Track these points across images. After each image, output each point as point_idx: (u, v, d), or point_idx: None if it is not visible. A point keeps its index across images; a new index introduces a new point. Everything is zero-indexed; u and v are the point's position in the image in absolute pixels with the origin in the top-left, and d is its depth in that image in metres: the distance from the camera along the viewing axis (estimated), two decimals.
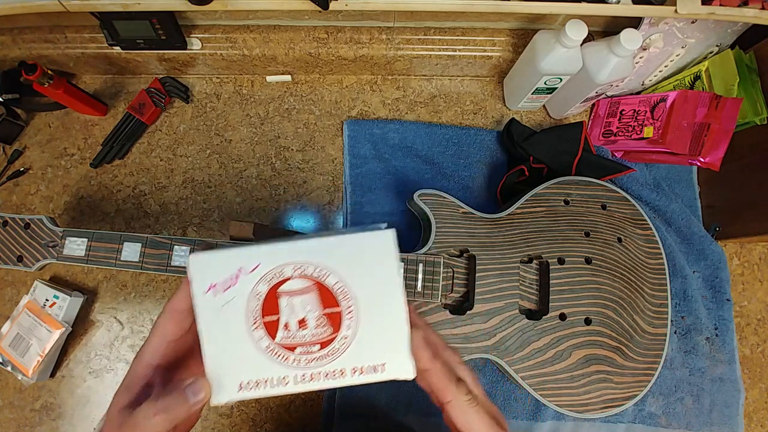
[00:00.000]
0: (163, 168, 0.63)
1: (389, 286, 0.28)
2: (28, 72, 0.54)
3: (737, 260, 0.64)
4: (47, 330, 0.54)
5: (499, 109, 0.66)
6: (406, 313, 0.28)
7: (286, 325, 0.28)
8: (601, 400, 0.49)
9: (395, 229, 0.28)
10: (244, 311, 0.27)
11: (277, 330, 0.27)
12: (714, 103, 0.57)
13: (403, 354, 0.28)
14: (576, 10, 0.48)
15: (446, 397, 0.29)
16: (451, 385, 0.28)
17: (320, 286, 0.28)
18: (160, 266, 0.45)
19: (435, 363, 0.28)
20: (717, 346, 0.59)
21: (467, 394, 0.29)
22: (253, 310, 0.27)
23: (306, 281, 0.28)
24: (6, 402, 0.56)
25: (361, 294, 0.28)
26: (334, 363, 0.28)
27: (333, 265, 0.28)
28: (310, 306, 0.28)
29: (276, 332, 0.27)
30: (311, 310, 0.28)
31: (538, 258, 0.51)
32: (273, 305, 0.27)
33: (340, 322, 0.28)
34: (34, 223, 0.47)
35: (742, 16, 0.47)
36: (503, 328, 0.48)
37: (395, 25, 0.61)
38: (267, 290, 0.27)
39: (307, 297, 0.28)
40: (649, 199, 0.60)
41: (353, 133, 0.63)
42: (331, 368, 0.28)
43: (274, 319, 0.27)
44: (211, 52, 0.61)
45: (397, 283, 0.27)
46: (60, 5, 0.47)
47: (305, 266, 0.28)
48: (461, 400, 0.28)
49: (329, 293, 0.28)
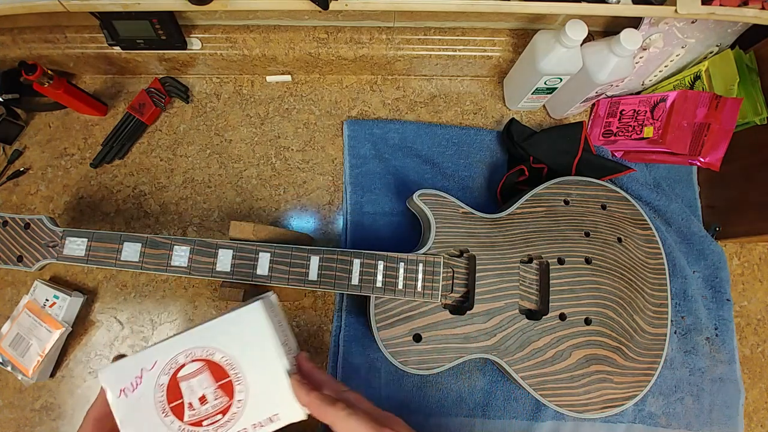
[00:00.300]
0: (163, 168, 0.63)
1: (265, 349, 0.34)
2: (28, 72, 0.54)
3: (737, 260, 0.64)
4: (47, 330, 0.54)
5: (499, 109, 0.66)
6: (284, 367, 0.34)
7: (190, 405, 0.33)
8: (601, 400, 0.49)
9: (264, 300, 0.35)
10: (153, 403, 0.33)
11: (184, 411, 0.33)
12: (714, 103, 0.57)
13: (288, 402, 0.34)
14: (576, 10, 0.48)
15: (327, 419, 0.32)
16: (329, 408, 0.32)
17: (210, 363, 0.33)
18: (160, 266, 0.45)
19: (310, 397, 0.33)
20: (717, 346, 0.59)
21: (344, 409, 0.32)
22: (160, 400, 0.33)
23: (198, 363, 0.34)
24: (6, 402, 0.56)
25: (244, 362, 0.34)
26: (237, 424, 0.33)
27: (216, 344, 0.34)
28: (205, 383, 0.33)
29: (183, 413, 0.33)
30: (207, 386, 0.33)
31: (538, 258, 0.51)
32: (176, 391, 0.33)
33: (233, 390, 0.33)
34: (34, 223, 0.47)
35: (742, 16, 0.47)
36: (503, 328, 0.48)
37: (395, 25, 0.61)
38: (168, 380, 0.33)
39: (202, 376, 0.34)
40: (649, 199, 0.60)
41: (353, 133, 0.63)
42: (236, 429, 0.33)
43: (179, 402, 0.33)
44: (211, 52, 0.61)
45: (272, 344, 0.34)
46: (60, 5, 0.47)
47: (194, 351, 0.34)
48: (340, 416, 0.32)
49: (219, 368, 0.34)
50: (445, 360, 0.47)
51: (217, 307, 0.58)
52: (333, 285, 0.46)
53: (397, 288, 0.47)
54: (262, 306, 0.34)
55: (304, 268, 0.45)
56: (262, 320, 0.34)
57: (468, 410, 0.55)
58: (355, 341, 0.55)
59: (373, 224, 0.60)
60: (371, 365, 0.55)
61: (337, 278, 0.46)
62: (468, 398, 0.55)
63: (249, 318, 0.34)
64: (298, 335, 0.57)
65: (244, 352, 0.34)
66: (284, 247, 0.46)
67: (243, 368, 0.34)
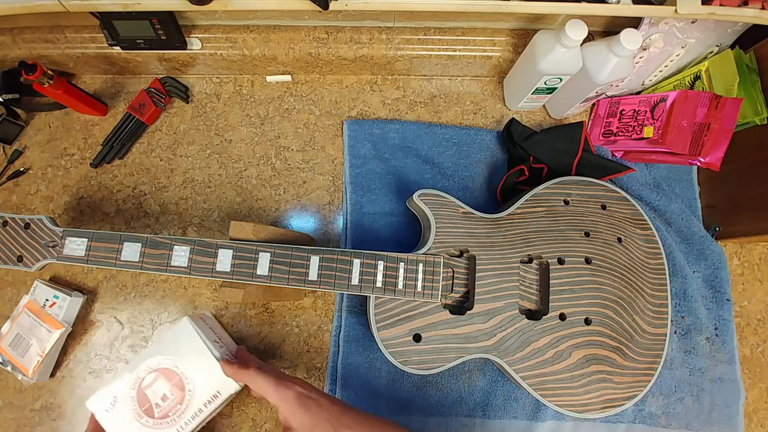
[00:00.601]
0: (163, 168, 0.63)
1: (197, 348, 0.48)
2: (28, 72, 0.54)
3: (737, 260, 0.64)
4: (47, 330, 0.54)
5: (499, 109, 0.66)
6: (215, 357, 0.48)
7: (156, 404, 0.48)
8: (601, 400, 0.49)
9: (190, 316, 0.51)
10: (130, 411, 0.48)
11: (153, 410, 0.48)
12: (714, 103, 0.57)
13: (224, 381, 0.48)
14: (576, 10, 0.48)
15: (244, 380, 0.45)
16: (244, 371, 0.45)
17: (162, 371, 0.48)
18: (160, 266, 0.45)
19: (232, 368, 0.46)
20: (717, 346, 0.59)
21: (255, 369, 0.44)
22: (134, 409, 0.48)
23: (154, 373, 0.49)
24: (6, 402, 0.56)
25: (185, 362, 0.48)
26: (192, 407, 0.48)
27: (163, 356, 0.49)
28: (163, 386, 0.48)
29: (153, 412, 0.48)
30: (165, 387, 0.48)
31: (538, 258, 0.51)
32: (144, 398, 0.48)
33: (183, 384, 0.48)
34: (34, 223, 0.47)
35: (742, 16, 0.47)
36: (503, 328, 0.48)
37: (395, 25, 0.61)
38: (136, 392, 0.48)
39: (159, 381, 0.48)
40: (649, 199, 0.60)
41: (353, 133, 0.63)
42: (192, 411, 0.48)
43: (148, 405, 0.48)
44: (211, 52, 0.61)
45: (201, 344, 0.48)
46: (60, 5, 0.47)
47: (149, 366, 0.49)
48: (251, 374, 0.43)
49: (169, 371, 0.48)
50: (445, 360, 0.47)
51: (216, 307, 0.58)
52: (333, 285, 0.46)
53: (397, 288, 0.47)
54: (189, 320, 0.50)
55: (304, 268, 0.45)
56: (190, 330, 0.49)
57: (468, 410, 0.55)
58: (355, 341, 0.55)
59: (373, 224, 0.60)
60: (371, 365, 0.55)
61: (337, 278, 0.46)
62: (468, 398, 0.55)
63: (181, 331, 0.49)
64: (298, 335, 0.57)
65: (183, 355, 0.49)
66: (284, 247, 0.46)
67: (186, 366, 0.48)
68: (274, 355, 0.57)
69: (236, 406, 0.55)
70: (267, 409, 0.55)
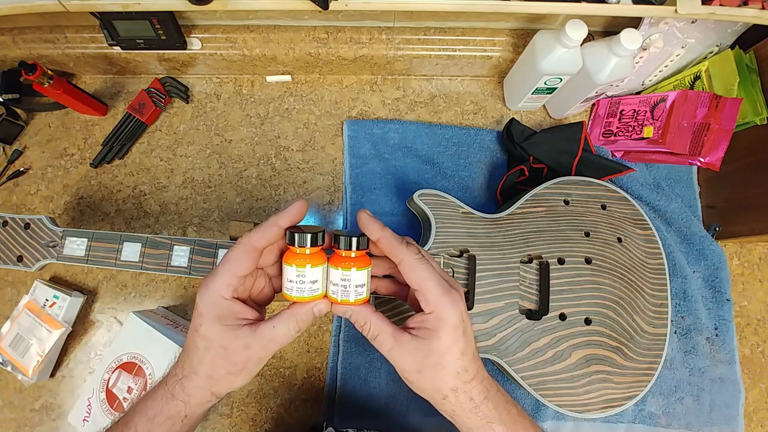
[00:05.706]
0: (163, 168, 0.63)
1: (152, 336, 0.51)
2: (28, 72, 0.54)
3: (737, 260, 0.64)
4: (47, 330, 0.54)
5: (499, 109, 0.66)
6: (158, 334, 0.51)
7: (124, 398, 0.51)
8: (601, 400, 0.49)
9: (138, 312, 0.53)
10: (104, 412, 0.51)
11: (123, 405, 0.50)
12: (714, 103, 0.57)
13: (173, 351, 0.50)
14: (576, 10, 0.48)
15: (398, 257, 0.33)
16: (401, 246, 0.33)
17: (122, 365, 0.52)
18: (160, 266, 0.45)
19: (384, 231, 0.33)
20: (717, 346, 0.59)
21: (417, 253, 0.33)
22: (106, 409, 0.51)
23: (117, 371, 0.51)
24: (6, 402, 0.56)
25: (142, 350, 0.51)
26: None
27: (120, 351, 0.52)
28: (126, 379, 0.51)
29: (123, 406, 0.50)
30: (127, 379, 0.51)
31: (538, 258, 0.51)
32: (112, 396, 0.51)
33: (143, 371, 0.51)
34: (34, 223, 0.47)
35: (742, 16, 0.47)
36: (503, 328, 0.48)
37: (395, 25, 0.61)
38: (104, 394, 0.51)
39: (122, 376, 0.51)
40: (649, 199, 0.60)
41: (353, 133, 0.63)
42: None
43: (117, 401, 0.51)
44: (211, 52, 0.61)
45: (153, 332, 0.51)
46: (60, 5, 0.47)
47: (110, 366, 0.52)
48: (411, 258, 0.32)
49: (129, 363, 0.52)
50: None
51: None
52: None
53: None
54: (136, 314, 0.53)
55: None
56: (136, 320, 0.52)
57: None
58: (355, 341, 0.55)
59: None
60: (371, 365, 0.55)
61: None
62: None
63: (132, 325, 0.52)
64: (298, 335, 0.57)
65: (140, 345, 0.51)
66: None
67: (143, 354, 0.51)
68: (274, 354, 0.57)
69: (236, 406, 0.55)
70: (267, 409, 0.55)
